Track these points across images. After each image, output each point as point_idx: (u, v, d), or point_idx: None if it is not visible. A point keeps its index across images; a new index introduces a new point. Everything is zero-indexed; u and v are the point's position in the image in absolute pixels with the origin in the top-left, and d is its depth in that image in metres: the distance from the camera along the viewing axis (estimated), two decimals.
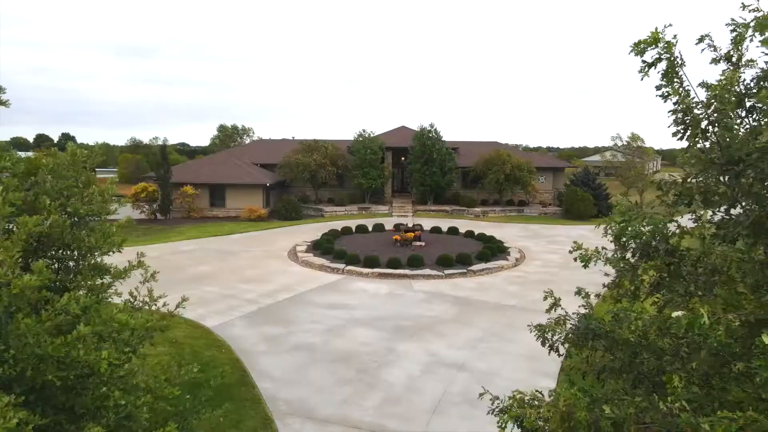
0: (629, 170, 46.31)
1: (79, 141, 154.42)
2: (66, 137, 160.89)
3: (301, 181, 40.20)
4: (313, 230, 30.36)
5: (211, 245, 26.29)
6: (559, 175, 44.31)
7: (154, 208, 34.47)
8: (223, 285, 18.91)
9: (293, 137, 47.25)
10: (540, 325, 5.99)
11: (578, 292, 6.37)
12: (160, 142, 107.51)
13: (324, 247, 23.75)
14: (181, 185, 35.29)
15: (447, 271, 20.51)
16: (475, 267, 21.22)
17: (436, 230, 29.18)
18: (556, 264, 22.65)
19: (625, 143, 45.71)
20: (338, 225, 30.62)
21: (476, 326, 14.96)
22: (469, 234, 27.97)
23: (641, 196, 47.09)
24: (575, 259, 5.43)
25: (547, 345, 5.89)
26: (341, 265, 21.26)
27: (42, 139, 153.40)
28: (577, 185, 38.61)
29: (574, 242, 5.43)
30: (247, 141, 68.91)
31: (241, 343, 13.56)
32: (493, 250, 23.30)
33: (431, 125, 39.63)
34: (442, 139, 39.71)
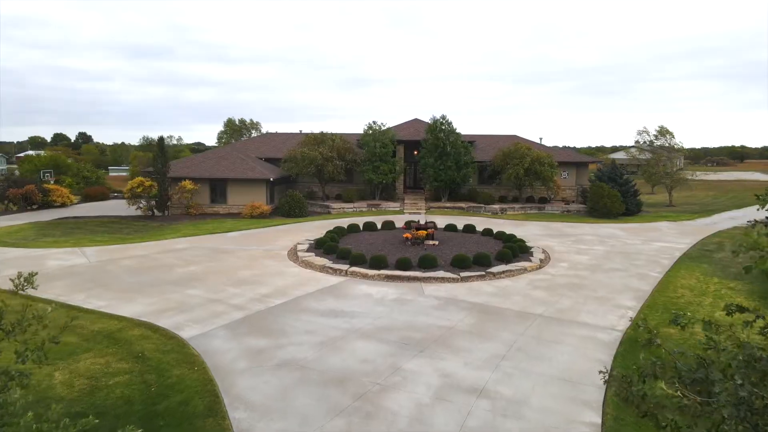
0: (656, 166, 43.59)
1: (95, 140, 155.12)
2: (82, 136, 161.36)
3: (307, 177, 38.17)
4: (317, 228, 28.24)
5: (206, 243, 24.26)
6: (583, 170, 41.61)
7: (151, 204, 32.59)
8: (210, 288, 16.82)
9: (300, 131, 45.17)
10: (625, 377, 3.68)
11: (676, 320, 4.06)
12: (174, 141, 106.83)
13: (327, 245, 21.58)
14: (181, 180, 33.39)
15: (463, 274, 18.21)
16: (494, 269, 18.89)
17: (450, 228, 26.85)
18: (586, 266, 20.21)
19: (653, 137, 42.91)
20: (345, 222, 28.51)
21: (498, 339, 12.65)
22: (487, 232, 25.61)
23: (670, 194, 44.30)
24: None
25: (634, 406, 3.58)
26: (345, 266, 19.08)
27: (59, 138, 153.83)
28: (602, 181, 35.93)
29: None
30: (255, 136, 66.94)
31: (219, 358, 11.43)
32: (514, 249, 20.93)
33: (443, 116, 37.27)
34: (456, 131, 37.32)
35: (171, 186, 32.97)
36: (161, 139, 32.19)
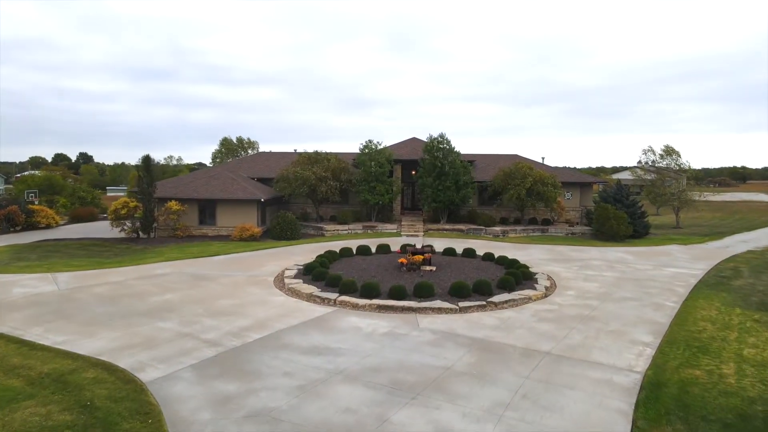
0: (662, 187, 42.27)
1: (96, 161, 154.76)
2: (83, 156, 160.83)
3: (300, 197, 36.78)
4: (308, 251, 26.79)
5: (187, 269, 22.77)
6: (587, 191, 40.29)
7: (135, 225, 31.17)
8: (184, 319, 15.30)
9: (295, 150, 43.95)
10: None
11: None
12: (174, 162, 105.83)
13: (316, 271, 20.10)
14: (168, 200, 32.03)
15: (462, 304, 16.69)
16: (496, 298, 17.38)
17: (449, 252, 25.39)
18: (595, 294, 18.70)
19: (658, 156, 41.65)
20: (339, 245, 27.06)
21: (501, 383, 11.10)
22: (488, 257, 24.13)
23: (677, 216, 42.88)
24: None
25: None
26: (333, 295, 17.58)
27: (60, 159, 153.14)
28: (608, 202, 34.53)
29: None
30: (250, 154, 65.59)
31: (179, 408, 9.87)
32: (517, 276, 19.44)
33: (441, 135, 36.04)
34: (455, 150, 36.03)
35: (158, 207, 31.61)
36: (147, 157, 30.91)
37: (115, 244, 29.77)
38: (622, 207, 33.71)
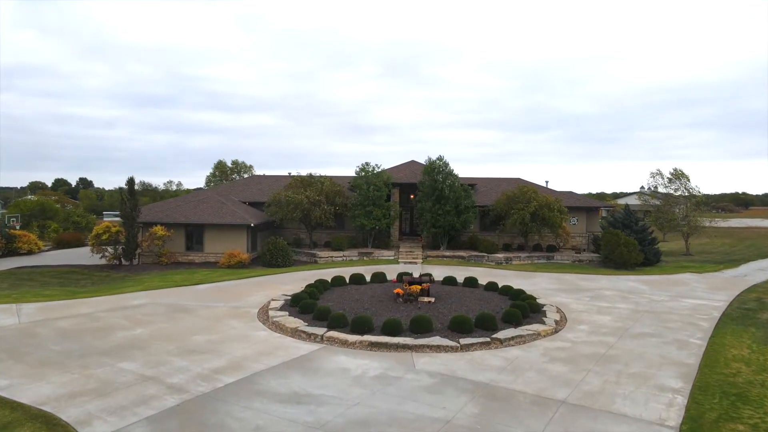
0: (671, 212, 40.72)
1: (97, 186, 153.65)
2: (83, 182, 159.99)
3: (294, 222, 35.17)
4: (299, 280, 25.08)
5: (166, 299, 21.04)
6: (593, 216, 38.71)
7: (117, 252, 29.51)
8: (150, 359, 13.55)
9: (289, 173, 42.54)
10: None
11: None
12: (174, 186, 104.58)
13: (304, 303, 18.38)
14: (154, 225, 30.45)
15: (463, 341, 14.94)
16: (501, 334, 15.62)
17: (449, 281, 23.67)
18: (611, 330, 16.93)
19: (666, 180, 40.18)
20: (332, 273, 25.43)
21: None
22: (491, 286, 22.40)
23: (687, 242, 41.22)
24: None
25: None
26: (321, 330, 15.84)
27: (59, 184, 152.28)
28: (616, 227, 32.89)
29: None
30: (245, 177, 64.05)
31: None
32: (523, 309, 17.71)
33: (440, 157, 34.63)
34: (454, 173, 34.58)
35: (142, 232, 30.01)
36: (131, 180, 29.46)
37: (94, 272, 28.08)
38: (631, 233, 32.07)
